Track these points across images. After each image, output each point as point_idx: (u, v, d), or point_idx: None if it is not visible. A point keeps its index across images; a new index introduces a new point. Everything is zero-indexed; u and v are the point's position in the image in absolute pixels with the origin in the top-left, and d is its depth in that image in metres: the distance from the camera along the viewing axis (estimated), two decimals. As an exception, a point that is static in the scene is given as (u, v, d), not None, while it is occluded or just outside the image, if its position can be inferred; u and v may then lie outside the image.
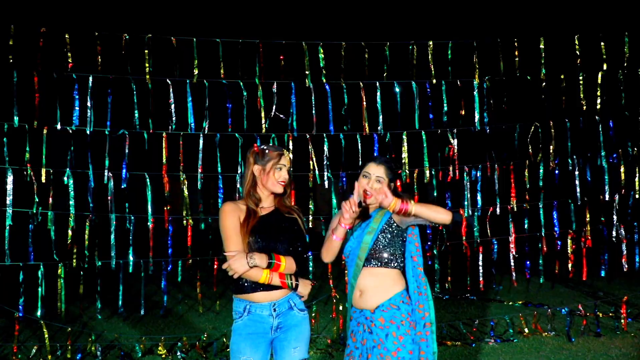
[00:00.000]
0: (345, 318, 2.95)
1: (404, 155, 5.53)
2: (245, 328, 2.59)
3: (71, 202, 5.11)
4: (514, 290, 7.69)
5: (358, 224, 2.86)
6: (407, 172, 5.53)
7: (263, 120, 5.36)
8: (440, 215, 2.63)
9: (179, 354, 5.08)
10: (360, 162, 5.23)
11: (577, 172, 5.74)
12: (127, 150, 5.18)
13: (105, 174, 5.12)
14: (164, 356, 5.08)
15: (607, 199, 5.77)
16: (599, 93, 5.75)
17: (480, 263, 5.57)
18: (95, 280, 5.13)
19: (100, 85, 5.17)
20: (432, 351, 2.75)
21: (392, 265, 2.76)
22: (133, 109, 5.21)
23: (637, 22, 6.03)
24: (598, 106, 5.76)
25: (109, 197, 5.16)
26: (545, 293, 7.65)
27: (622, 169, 5.80)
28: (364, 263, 2.76)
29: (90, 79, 5.07)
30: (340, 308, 5.36)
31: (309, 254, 2.86)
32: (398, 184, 3.01)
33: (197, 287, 5.33)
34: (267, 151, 2.72)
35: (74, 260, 5.11)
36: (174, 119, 5.26)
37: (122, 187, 5.18)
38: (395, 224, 2.79)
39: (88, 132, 5.08)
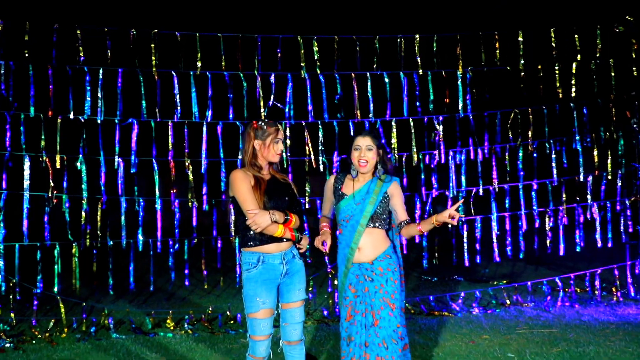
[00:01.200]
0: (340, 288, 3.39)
1: (394, 140, 5.95)
2: (261, 275, 2.99)
3: (84, 187, 5.50)
4: (499, 273, 8.15)
5: (358, 190, 3.29)
6: (397, 156, 5.95)
7: (262, 109, 5.76)
8: None
9: (186, 326, 5.46)
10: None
11: (553, 155, 6.19)
12: (135, 138, 5.57)
13: (116, 160, 5.50)
14: (172, 328, 5.46)
15: (581, 179, 6.22)
16: (573, 82, 6.19)
17: (465, 240, 6.00)
18: (107, 259, 5.51)
19: (110, 78, 5.56)
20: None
21: (383, 227, 3.27)
22: (141, 100, 5.60)
23: (608, 15, 6.47)
24: (573, 94, 6.20)
25: (119, 181, 5.53)
26: (529, 275, 8.09)
27: (595, 152, 6.24)
28: (368, 224, 3.20)
29: (101, 71, 5.46)
30: (336, 282, 5.77)
31: (307, 232, 3.31)
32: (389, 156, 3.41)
33: (202, 266, 5.73)
34: (265, 127, 3.12)
35: (87, 240, 5.50)
36: (178, 108, 5.65)
37: (132, 172, 5.57)
38: (387, 197, 3.28)
39: (99, 121, 5.47)
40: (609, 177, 6.25)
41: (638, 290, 6.20)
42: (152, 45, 5.60)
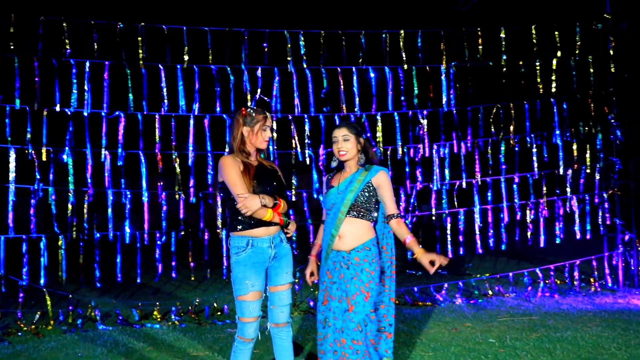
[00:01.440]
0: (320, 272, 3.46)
1: (379, 134, 6.05)
2: (250, 259, 3.05)
3: (70, 179, 5.51)
4: (483, 267, 8.29)
5: (343, 181, 3.35)
6: (382, 149, 6.05)
7: (249, 103, 5.82)
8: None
9: (173, 317, 5.50)
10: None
11: (534, 150, 6.34)
12: (122, 131, 5.59)
13: (102, 152, 5.52)
14: (159, 320, 5.50)
15: (561, 173, 6.38)
16: (553, 78, 6.35)
17: (449, 232, 6.12)
18: (93, 252, 5.52)
19: (96, 71, 5.57)
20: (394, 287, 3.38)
21: (366, 218, 3.26)
22: (127, 93, 5.63)
23: (587, 13, 6.64)
24: (553, 90, 6.36)
25: (105, 174, 5.55)
26: (511, 268, 8.24)
27: (574, 147, 6.41)
28: (347, 213, 3.26)
29: (87, 64, 5.48)
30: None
31: (292, 216, 3.37)
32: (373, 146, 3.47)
33: (188, 258, 5.77)
34: (254, 114, 3.19)
35: (74, 233, 5.51)
36: (166, 101, 5.69)
37: (118, 164, 5.60)
38: (372, 187, 3.28)
39: (85, 114, 5.48)
40: (588, 171, 6.42)
41: (615, 280, 6.37)
42: (139, 38, 5.62)
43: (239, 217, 3.07)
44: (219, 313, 5.70)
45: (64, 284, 5.57)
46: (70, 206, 5.49)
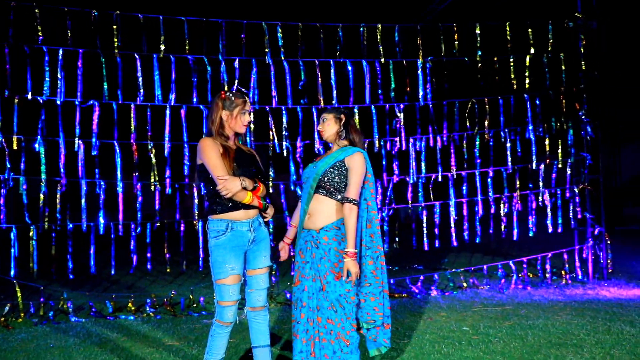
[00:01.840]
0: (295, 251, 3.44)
1: (356, 127, 6.07)
2: (230, 242, 3.03)
3: (42, 168, 5.39)
4: (458, 262, 8.40)
5: (322, 158, 3.34)
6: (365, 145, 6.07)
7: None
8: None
9: (148, 309, 5.43)
10: (315, 134, 5.77)
11: (508, 144, 6.45)
12: (96, 120, 5.50)
13: (76, 142, 5.42)
14: (133, 312, 5.42)
15: (534, 167, 6.50)
16: (527, 74, 6.48)
17: (425, 225, 6.19)
18: (66, 243, 5.42)
19: (70, 59, 5.47)
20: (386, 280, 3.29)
21: (335, 197, 3.17)
22: (102, 82, 5.54)
23: (559, 12, 6.79)
24: (527, 86, 6.49)
25: (79, 164, 5.45)
26: (486, 263, 8.37)
27: (547, 142, 6.54)
28: (315, 190, 3.24)
29: (61, 52, 5.37)
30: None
31: (268, 201, 3.32)
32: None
33: (164, 250, 5.70)
34: (233, 98, 3.18)
35: (46, 224, 5.40)
36: (141, 91, 5.61)
37: (92, 154, 5.50)
38: (345, 167, 3.19)
39: (58, 102, 5.37)
40: (560, 166, 6.56)
41: (585, 273, 6.52)
42: (114, 26, 5.54)
43: (218, 200, 3.05)
44: (194, 305, 5.65)
45: (35, 276, 5.45)
46: (42, 196, 5.38)
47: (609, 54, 11.06)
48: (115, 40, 5.55)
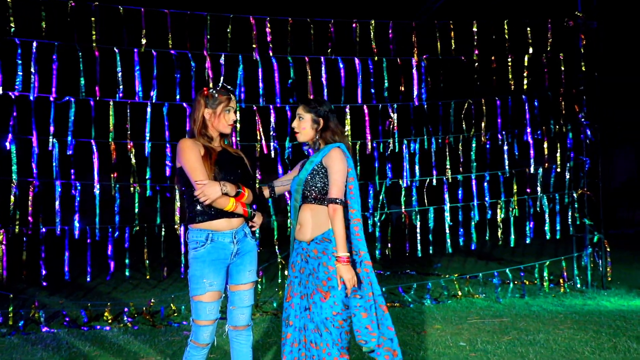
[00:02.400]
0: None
1: (347, 127, 5.79)
2: (209, 255, 2.74)
3: (14, 168, 5.06)
4: (451, 267, 8.16)
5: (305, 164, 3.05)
6: (350, 143, 5.79)
7: (211, 91, 5.46)
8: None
9: (125, 319, 5.12)
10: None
11: (505, 147, 6.20)
12: (72, 117, 5.17)
13: (50, 140, 5.09)
14: (110, 322, 5.11)
15: (532, 171, 6.26)
16: (525, 75, 6.23)
17: (418, 230, 5.92)
18: (39, 247, 5.09)
19: (45, 52, 5.14)
20: (375, 282, 2.87)
21: (323, 203, 2.87)
22: (79, 77, 5.21)
23: (558, 11, 6.56)
24: (525, 86, 6.24)
25: (54, 164, 5.13)
26: (480, 268, 8.16)
27: (545, 145, 6.30)
28: (302, 201, 2.95)
29: (35, 45, 5.04)
30: (286, 273, 5.56)
31: (255, 208, 3.02)
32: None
33: (144, 255, 5.39)
34: (216, 95, 2.89)
35: (17, 227, 5.06)
36: (121, 87, 5.29)
37: (68, 153, 5.17)
38: (324, 168, 2.89)
39: (32, 98, 5.04)
40: (558, 170, 6.32)
41: (584, 281, 6.29)
42: (93, 18, 5.22)
43: (198, 207, 2.76)
44: (175, 314, 5.35)
45: (5, 283, 5.11)
46: (12, 198, 5.04)
47: (606, 54, 10.85)
48: (94, 33, 5.22)
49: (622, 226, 13.47)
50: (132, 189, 5.35)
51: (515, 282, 6.31)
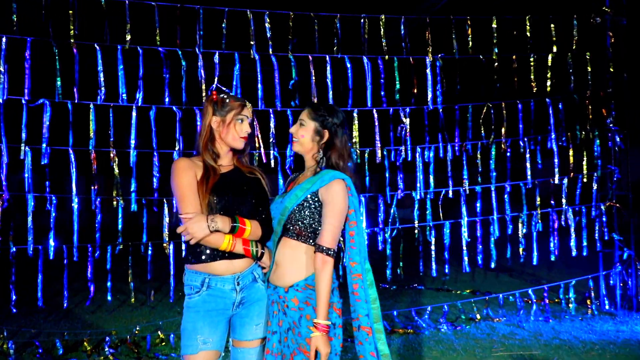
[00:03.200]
0: None
1: (355, 134, 5.24)
2: (204, 304, 2.22)
3: (-20, 180, 4.48)
4: (461, 280, 7.63)
5: (295, 186, 2.46)
6: (358, 152, 5.25)
7: (203, 93, 4.92)
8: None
9: (107, 350, 4.55)
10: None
11: (527, 155, 5.66)
12: (47, 122, 4.59)
13: (22, 148, 4.52)
14: (89, 353, 4.53)
15: (556, 182, 5.72)
16: (549, 75, 5.69)
17: (433, 247, 5.36)
18: (9, 269, 4.51)
19: (15, 48, 4.57)
20: (370, 351, 2.33)
21: (311, 242, 2.34)
22: (55, 77, 4.63)
23: (585, 5, 6.02)
24: (548, 89, 5.70)
25: (25, 175, 4.55)
26: (491, 281, 7.64)
27: (570, 152, 5.76)
28: (284, 232, 2.39)
29: (4, 40, 4.47)
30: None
31: (262, 247, 2.43)
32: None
33: (128, 277, 4.81)
34: (227, 100, 2.36)
35: (-16, 247, 4.49)
36: (102, 89, 4.72)
37: (42, 163, 4.60)
38: (318, 201, 2.35)
39: (0, 100, 4.46)
40: (585, 180, 5.78)
41: (612, 302, 5.75)
42: (71, 11, 4.65)
43: (194, 246, 2.22)
44: (163, 343, 4.77)
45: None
46: (-21, 214, 4.46)
47: (637, 54, 10.26)
48: (72, 27, 4.65)
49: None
50: (114, 202, 4.77)
51: (539, 303, 5.76)
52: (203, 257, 2.22)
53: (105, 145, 4.74)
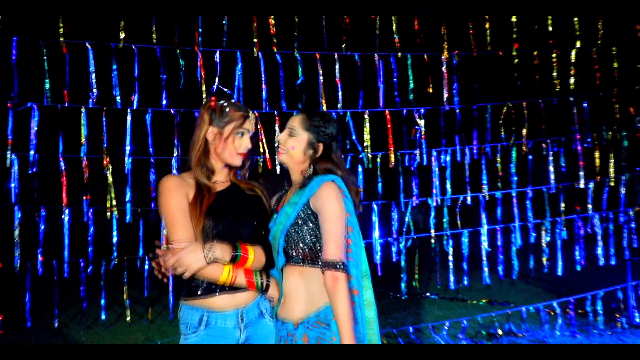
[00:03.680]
0: None
1: (366, 137, 4.90)
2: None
3: (-37, 191, 4.16)
4: (476, 288, 7.25)
5: (284, 205, 2.15)
6: (370, 156, 4.89)
7: (204, 95, 4.59)
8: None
9: (101, 372, 4.20)
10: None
11: (550, 157, 5.29)
12: (35, 128, 4.27)
13: (8, 156, 4.19)
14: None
15: (581, 186, 5.35)
16: (572, 72, 5.33)
17: (451, 258, 5.00)
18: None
19: (1, 48, 4.25)
20: None
21: (316, 264, 2.02)
22: (44, 78, 4.31)
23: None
24: (572, 86, 5.34)
25: (12, 184, 4.22)
26: (507, 290, 7.27)
27: (596, 154, 5.39)
28: (287, 259, 2.05)
29: (-12, 39, 4.16)
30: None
31: (268, 278, 2.09)
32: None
33: (124, 293, 4.47)
34: (227, 109, 2.04)
35: (-33, 263, 4.16)
36: (94, 91, 4.40)
37: (30, 172, 4.27)
38: (313, 215, 2.04)
39: (-15, 104, 4.15)
40: (612, 184, 5.41)
41: (643, 314, 5.38)
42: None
43: (190, 278, 1.89)
44: (162, 365, 4.42)
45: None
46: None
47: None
48: (62, 25, 4.32)
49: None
50: (108, 213, 4.43)
51: (565, 315, 5.38)
52: (199, 292, 1.90)
53: (98, 151, 4.42)
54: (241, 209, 1.99)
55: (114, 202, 4.44)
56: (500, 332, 5.08)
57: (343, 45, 4.87)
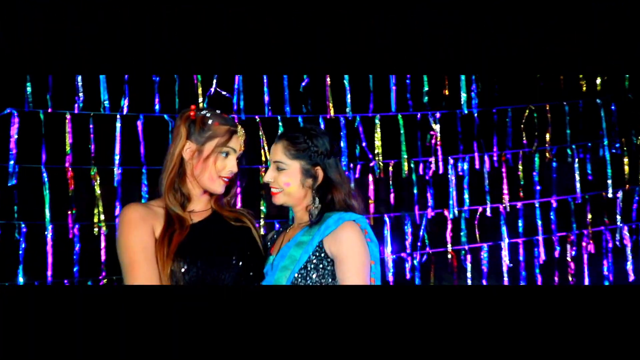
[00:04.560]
0: None
1: (377, 143, 4.55)
2: None
3: None
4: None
5: (283, 246, 1.80)
6: (381, 164, 4.54)
7: (200, 99, 4.26)
8: None
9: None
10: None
11: (576, 165, 4.94)
12: (15, 136, 3.93)
13: (-15, 167, 3.87)
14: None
15: (610, 196, 4.99)
16: (599, 72, 4.98)
17: (469, 274, 4.64)
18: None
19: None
20: None
21: None
22: (24, 81, 3.99)
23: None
24: (598, 87, 4.98)
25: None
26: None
27: (625, 161, 5.03)
28: None
29: (-37, 39, 3.80)
30: None
31: None
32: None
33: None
34: (210, 121, 1.65)
35: (-60, 284, 3.83)
36: (81, 95, 4.06)
37: (10, 184, 3.94)
38: (328, 257, 1.69)
39: (-41, 111, 3.82)
40: (642, 193, 5.05)
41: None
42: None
43: None
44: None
45: None
46: None
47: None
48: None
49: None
50: (96, 229, 4.09)
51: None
52: None
53: (85, 161, 4.08)
54: (222, 246, 1.62)
55: (102, 217, 4.10)
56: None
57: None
